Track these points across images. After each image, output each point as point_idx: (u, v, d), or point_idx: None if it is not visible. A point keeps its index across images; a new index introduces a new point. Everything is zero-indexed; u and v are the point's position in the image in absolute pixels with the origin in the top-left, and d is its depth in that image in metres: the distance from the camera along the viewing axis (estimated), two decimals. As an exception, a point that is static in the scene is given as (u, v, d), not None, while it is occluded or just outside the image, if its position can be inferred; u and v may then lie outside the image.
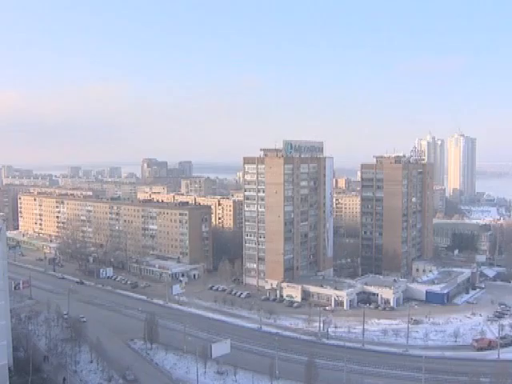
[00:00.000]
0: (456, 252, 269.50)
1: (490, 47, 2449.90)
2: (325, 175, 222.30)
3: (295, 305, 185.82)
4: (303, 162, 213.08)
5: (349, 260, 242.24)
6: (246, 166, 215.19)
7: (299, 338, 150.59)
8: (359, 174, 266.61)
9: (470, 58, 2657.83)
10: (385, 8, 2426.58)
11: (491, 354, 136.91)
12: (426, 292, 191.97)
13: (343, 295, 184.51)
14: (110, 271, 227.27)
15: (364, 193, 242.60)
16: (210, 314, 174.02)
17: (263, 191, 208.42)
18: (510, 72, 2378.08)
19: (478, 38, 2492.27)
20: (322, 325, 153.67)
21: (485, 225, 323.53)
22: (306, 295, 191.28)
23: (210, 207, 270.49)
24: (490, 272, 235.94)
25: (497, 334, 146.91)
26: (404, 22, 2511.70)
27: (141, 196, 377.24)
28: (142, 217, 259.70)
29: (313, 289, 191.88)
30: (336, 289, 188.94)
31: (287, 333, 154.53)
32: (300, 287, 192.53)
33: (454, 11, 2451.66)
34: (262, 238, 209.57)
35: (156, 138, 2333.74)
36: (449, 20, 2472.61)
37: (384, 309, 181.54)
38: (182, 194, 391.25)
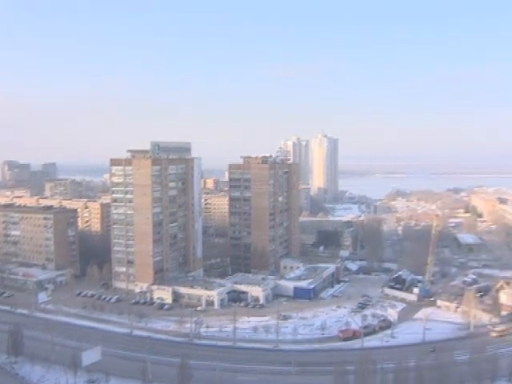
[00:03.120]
0: (321, 248, 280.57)
1: (353, 51, 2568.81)
2: (193, 176, 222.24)
3: (166, 307, 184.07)
4: (171, 163, 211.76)
5: (218, 260, 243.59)
6: (113, 168, 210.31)
7: (171, 340, 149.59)
8: (227, 174, 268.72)
9: (328, 64, 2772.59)
10: (248, 12, 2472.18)
11: (356, 343, 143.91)
12: (294, 288, 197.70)
13: (214, 295, 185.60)
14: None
15: (232, 193, 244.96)
16: (79, 321, 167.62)
17: (131, 193, 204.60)
18: (371, 78, 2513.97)
19: (340, 42, 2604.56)
20: (193, 325, 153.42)
21: (347, 221, 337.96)
22: (176, 297, 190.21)
23: (76, 210, 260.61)
24: (353, 266, 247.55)
25: (360, 324, 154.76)
26: (270, 26, 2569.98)
27: (1, 200, 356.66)
28: (3, 222, 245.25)
29: (183, 290, 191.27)
30: (206, 289, 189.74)
31: (159, 335, 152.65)
32: (170, 289, 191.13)
33: (311, 16, 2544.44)
34: (131, 241, 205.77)
35: (17, 138, 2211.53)
36: (307, 26, 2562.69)
37: (254, 306, 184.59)
38: (47, 198, 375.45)
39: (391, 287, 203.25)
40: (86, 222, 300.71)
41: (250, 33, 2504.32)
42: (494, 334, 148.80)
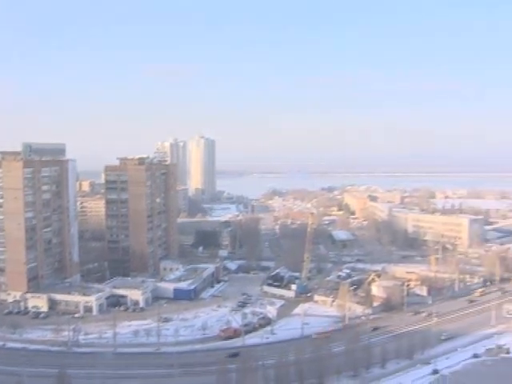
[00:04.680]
0: (200, 249, 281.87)
1: (234, 52, 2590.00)
2: (68, 178, 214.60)
3: (42, 315, 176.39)
4: (44, 165, 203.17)
5: (96, 264, 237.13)
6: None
7: (48, 350, 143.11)
8: (103, 176, 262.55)
9: (204, 65, 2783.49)
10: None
11: (237, 342, 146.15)
12: (174, 289, 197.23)
13: (92, 300, 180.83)
14: None
15: (109, 195, 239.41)
16: None
17: (1, 197, 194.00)
18: (255, 78, 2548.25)
19: (222, 43, 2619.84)
20: (71, 333, 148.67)
21: (225, 221, 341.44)
22: (53, 304, 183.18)
23: None
24: (232, 265, 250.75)
25: (241, 323, 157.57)
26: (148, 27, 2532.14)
27: None
28: None
29: (60, 297, 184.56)
30: (84, 295, 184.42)
31: (35, 346, 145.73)
32: (46, 296, 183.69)
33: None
34: (2, 248, 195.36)
35: None
36: (191, 25, 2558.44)
37: (134, 310, 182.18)
38: None
39: (270, 285, 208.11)
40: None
41: (126, 32, 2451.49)
42: (315, 336, 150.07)
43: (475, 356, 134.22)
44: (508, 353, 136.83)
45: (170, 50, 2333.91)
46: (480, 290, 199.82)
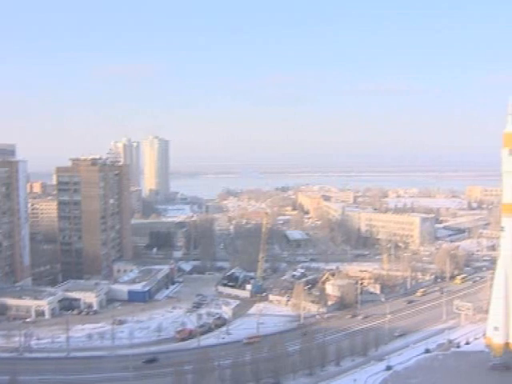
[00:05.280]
0: (155, 250, 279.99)
1: (188, 52, 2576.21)
2: (18, 180, 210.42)
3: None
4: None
5: (48, 267, 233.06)
6: None
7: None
8: (55, 177, 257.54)
9: (158, 66, 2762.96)
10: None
11: (193, 343, 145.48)
12: (129, 291, 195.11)
13: (44, 304, 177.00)
14: None
15: (61, 197, 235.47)
16: None
17: None
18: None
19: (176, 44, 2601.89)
20: (22, 339, 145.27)
21: (180, 222, 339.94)
22: (3, 309, 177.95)
23: None
24: (187, 266, 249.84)
25: (196, 324, 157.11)
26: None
27: None
28: None
29: (10, 301, 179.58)
30: (36, 298, 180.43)
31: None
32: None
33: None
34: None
35: None
36: (142, 25, 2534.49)
37: (88, 313, 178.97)
38: None
39: (225, 285, 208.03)
40: None
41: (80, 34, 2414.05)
42: (245, 341, 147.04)
43: (427, 351, 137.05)
44: (458, 347, 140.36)
45: (123, 52, 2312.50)
46: (422, 290, 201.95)
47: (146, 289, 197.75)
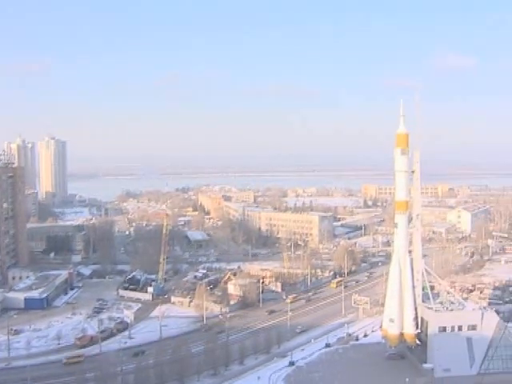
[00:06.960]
0: (52, 255, 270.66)
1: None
2: None
3: None
4: None
5: None
6: None
7: None
8: None
9: (58, 65, 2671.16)
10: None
11: (94, 349, 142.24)
12: (25, 299, 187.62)
13: None
14: None
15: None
16: None
17: None
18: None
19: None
20: None
21: (78, 225, 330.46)
22: None
23: None
24: (86, 270, 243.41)
25: (97, 329, 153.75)
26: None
27: None
28: None
29: None
30: None
31: None
32: None
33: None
34: None
35: None
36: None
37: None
38: None
39: (126, 288, 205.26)
40: None
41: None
42: (65, 361, 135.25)
43: (327, 345, 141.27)
44: (357, 340, 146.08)
45: (19, 50, 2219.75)
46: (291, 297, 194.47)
47: (44, 296, 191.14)
